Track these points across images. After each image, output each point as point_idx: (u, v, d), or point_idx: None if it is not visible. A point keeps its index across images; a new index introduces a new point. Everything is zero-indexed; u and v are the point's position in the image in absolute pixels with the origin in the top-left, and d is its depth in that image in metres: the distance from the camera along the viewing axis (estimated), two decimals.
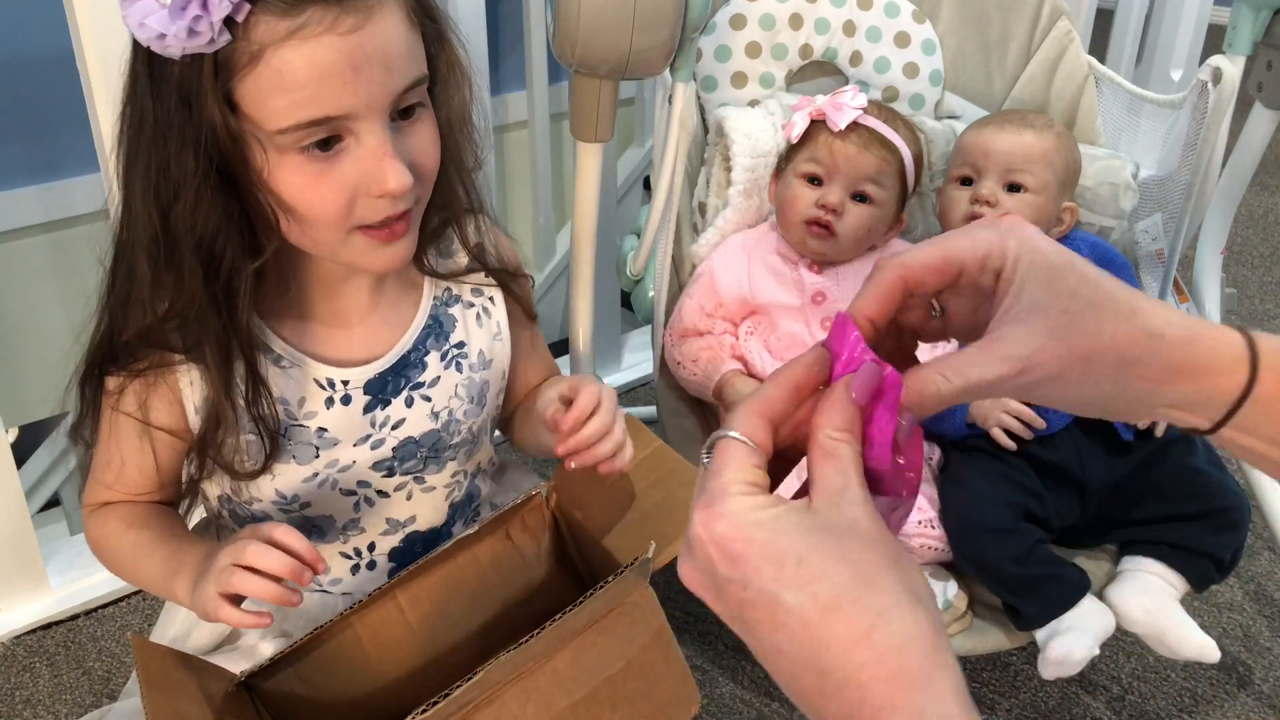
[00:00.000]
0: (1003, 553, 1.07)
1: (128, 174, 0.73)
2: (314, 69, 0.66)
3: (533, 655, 0.70)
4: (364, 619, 0.81)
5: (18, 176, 1.69)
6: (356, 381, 0.83)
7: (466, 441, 0.90)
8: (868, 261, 1.18)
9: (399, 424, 0.86)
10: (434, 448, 0.88)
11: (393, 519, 0.90)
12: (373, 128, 0.70)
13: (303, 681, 0.80)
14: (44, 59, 1.62)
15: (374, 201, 0.72)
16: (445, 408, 0.87)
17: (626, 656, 0.74)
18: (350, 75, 0.67)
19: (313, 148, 0.69)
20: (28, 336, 1.75)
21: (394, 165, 0.70)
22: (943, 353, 0.50)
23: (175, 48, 0.65)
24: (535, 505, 0.88)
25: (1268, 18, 1.19)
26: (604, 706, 0.73)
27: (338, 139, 0.70)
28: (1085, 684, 1.34)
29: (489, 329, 0.90)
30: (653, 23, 0.96)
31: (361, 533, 0.89)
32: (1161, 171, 1.28)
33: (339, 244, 0.74)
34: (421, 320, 0.86)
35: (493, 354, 0.90)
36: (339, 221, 0.72)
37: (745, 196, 1.25)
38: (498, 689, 0.70)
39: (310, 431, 0.83)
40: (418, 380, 0.86)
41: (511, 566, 0.87)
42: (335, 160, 0.70)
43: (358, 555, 0.90)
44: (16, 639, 1.38)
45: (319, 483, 0.85)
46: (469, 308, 0.89)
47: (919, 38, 1.34)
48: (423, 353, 0.86)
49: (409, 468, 0.88)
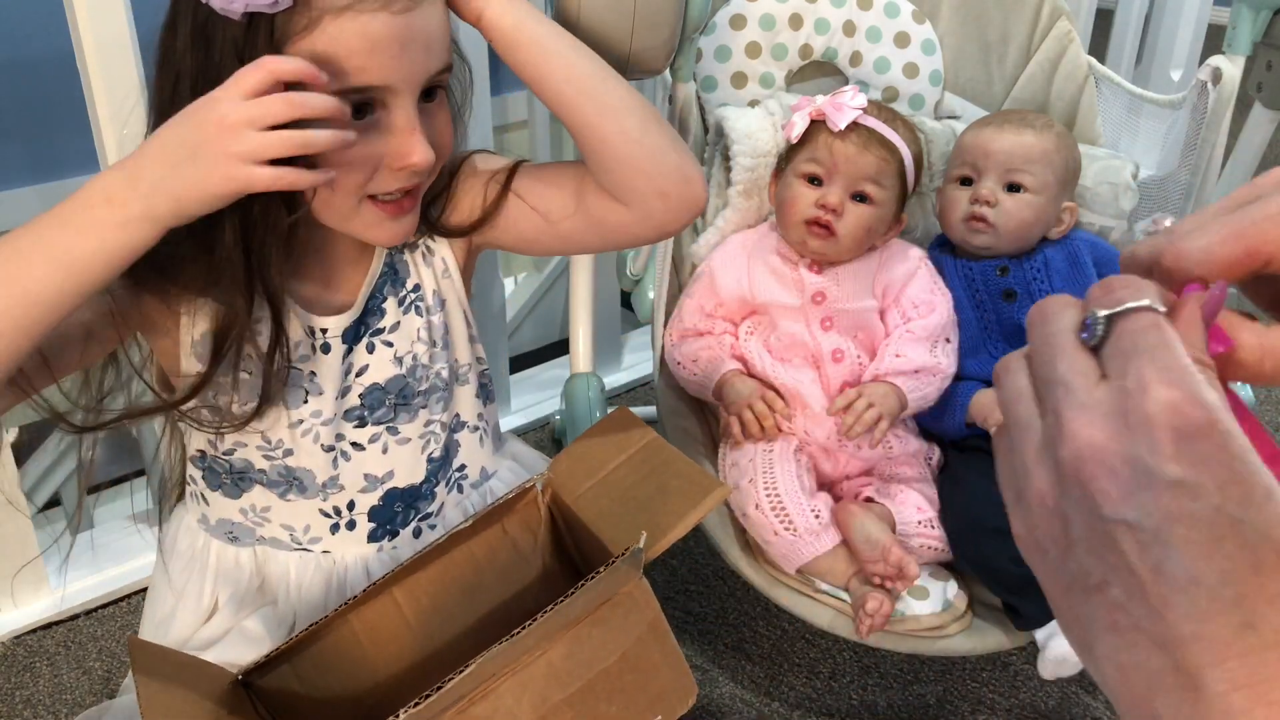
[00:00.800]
0: (1003, 553, 1.07)
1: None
2: (366, 40, 0.70)
3: (526, 648, 0.70)
4: (360, 615, 0.81)
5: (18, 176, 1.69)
6: (335, 330, 0.85)
7: (437, 388, 0.91)
8: (868, 261, 1.18)
9: (363, 370, 0.87)
10: (401, 394, 0.89)
11: (370, 474, 0.90)
12: (405, 104, 0.74)
13: (300, 678, 0.80)
14: (44, 59, 1.62)
15: (393, 173, 0.76)
16: (409, 352, 0.89)
17: (622, 648, 0.74)
18: (398, 50, 0.72)
19: (349, 118, 0.72)
20: None
21: (421, 141, 0.75)
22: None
23: (239, 4, 0.67)
24: (530, 499, 0.88)
25: (1268, 18, 1.19)
26: (600, 699, 0.73)
27: (370, 109, 0.74)
28: (1085, 684, 1.34)
29: (436, 267, 0.91)
30: (653, 23, 0.96)
31: (340, 490, 0.89)
32: (1161, 172, 1.28)
33: (350, 211, 0.77)
34: (378, 268, 0.87)
35: (445, 293, 0.91)
36: (357, 188, 0.76)
37: (745, 196, 1.25)
38: (493, 682, 0.70)
39: (304, 375, 0.84)
40: (378, 326, 0.87)
41: (507, 561, 0.87)
42: (365, 129, 0.73)
43: (337, 514, 0.90)
44: (16, 639, 1.38)
45: (302, 431, 0.86)
46: (414, 249, 0.90)
47: (919, 38, 1.34)
48: (380, 300, 0.87)
49: (379, 416, 0.89)
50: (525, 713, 0.71)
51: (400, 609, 0.83)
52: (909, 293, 1.18)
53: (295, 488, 0.88)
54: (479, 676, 0.67)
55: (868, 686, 1.34)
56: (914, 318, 1.17)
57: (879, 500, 1.12)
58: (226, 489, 0.90)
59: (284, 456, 0.87)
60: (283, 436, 0.86)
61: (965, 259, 1.22)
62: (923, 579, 1.10)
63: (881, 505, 1.12)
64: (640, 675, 0.75)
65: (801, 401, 1.16)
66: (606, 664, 0.74)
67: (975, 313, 1.21)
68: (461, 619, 0.84)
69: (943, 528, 1.12)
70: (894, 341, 1.16)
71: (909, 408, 1.14)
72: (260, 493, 0.89)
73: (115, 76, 1.14)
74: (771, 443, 1.14)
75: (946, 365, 1.16)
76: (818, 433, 1.15)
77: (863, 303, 1.17)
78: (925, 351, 1.15)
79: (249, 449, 0.86)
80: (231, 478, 0.89)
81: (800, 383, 1.16)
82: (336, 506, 0.90)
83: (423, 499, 0.93)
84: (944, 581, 1.11)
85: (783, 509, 1.08)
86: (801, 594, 1.11)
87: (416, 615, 0.83)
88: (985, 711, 1.31)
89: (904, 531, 1.10)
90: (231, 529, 0.91)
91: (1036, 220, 1.18)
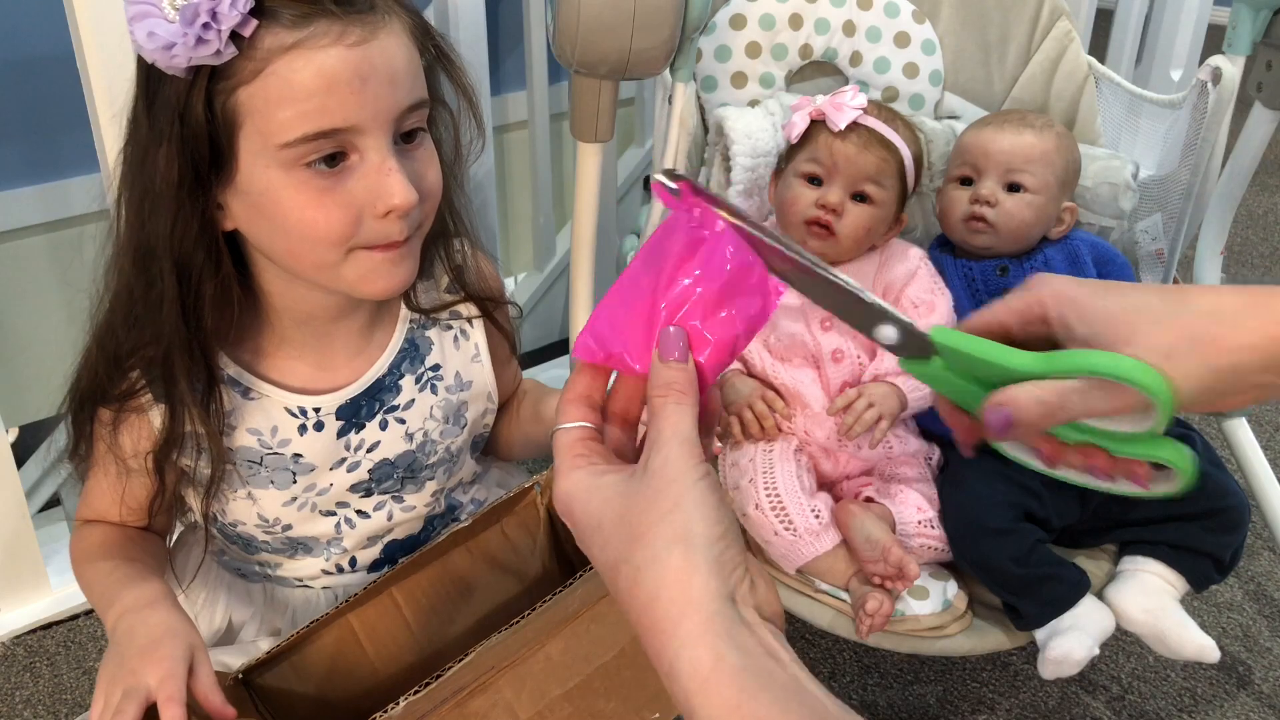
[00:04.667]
0: (1003, 553, 1.07)
1: (125, 192, 0.74)
2: (321, 78, 0.66)
3: (525, 640, 0.70)
4: (359, 615, 0.81)
5: (18, 176, 1.68)
6: (328, 408, 0.83)
7: (445, 461, 0.91)
8: (868, 261, 1.18)
9: (374, 446, 0.86)
10: (410, 468, 0.88)
11: (373, 536, 0.91)
12: (378, 144, 0.69)
13: (299, 677, 0.80)
14: (44, 59, 1.62)
15: (378, 223, 0.71)
16: (420, 429, 0.87)
17: (619, 644, 0.74)
18: (357, 86, 0.67)
19: (319, 164, 0.68)
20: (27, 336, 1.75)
21: (399, 180, 0.70)
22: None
23: (182, 58, 0.64)
24: (529, 501, 0.88)
25: (1268, 18, 1.19)
26: (597, 695, 0.73)
27: (343, 156, 0.69)
28: (1085, 684, 1.34)
29: (466, 351, 0.90)
30: (653, 23, 0.96)
31: (344, 553, 0.91)
32: (1161, 171, 1.28)
33: (339, 264, 0.73)
34: (397, 345, 0.86)
35: (470, 376, 0.90)
36: (341, 240, 0.71)
37: (745, 196, 1.25)
38: (491, 675, 0.70)
39: (286, 458, 0.83)
40: (392, 404, 0.86)
41: (506, 562, 0.87)
42: (341, 177, 0.69)
43: (339, 570, 0.92)
44: (16, 639, 1.38)
45: (299, 506, 0.85)
46: (446, 330, 0.89)
47: (919, 38, 1.34)
48: (397, 376, 0.86)
49: (386, 488, 0.88)
50: (523, 707, 0.71)
51: (399, 609, 0.83)
52: (909, 292, 1.18)
53: (301, 550, 0.90)
54: (478, 667, 0.68)
55: (868, 686, 1.34)
56: (914, 318, 1.17)
57: (879, 500, 1.12)
58: (238, 548, 0.91)
59: (283, 531, 0.87)
60: (279, 515, 0.85)
61: (965, 259, 1.22)
62: (923, 579, 1.10)
63: (881, 505, 1.12)
64: (638, 672, 0.75)
65: (801, 401, 1.16)
66: (604, 660, 0.74)
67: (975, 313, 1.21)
68: (459, 619, 0.85)
69: (943, 528, 1.12)
70: None
71: (909, 408, 1.14)
72: (268, 554, 0.90)
73: (115, 76, 1.14)
74: (771, 443, 1.14)
75: None
76: (818, 433, 1.15)
77: None
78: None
79: (247, 526, 0.87)
80: (240, 542, 0.90)
81: (800, 383, 1.16)
82: (339, 564, 0.91)
83: (421, 544, 0.93)
84: (944, 581, 1.11)
85: (783, 509, 1.08)
86: (801, 594, 1.11)
87: (415, 615, 0.83)
88: (985, 711, 1.31)
89: (904, 531, 1.10)
90: (240, 568, 0.93)
91: (1036, 220, 1.18)
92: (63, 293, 1.77)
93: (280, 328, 0.81)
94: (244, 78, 0.66)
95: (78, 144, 1.47)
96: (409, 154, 0.73)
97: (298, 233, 0.70)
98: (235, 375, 0.81)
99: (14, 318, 1.76)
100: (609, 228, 1.98)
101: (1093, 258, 1.21)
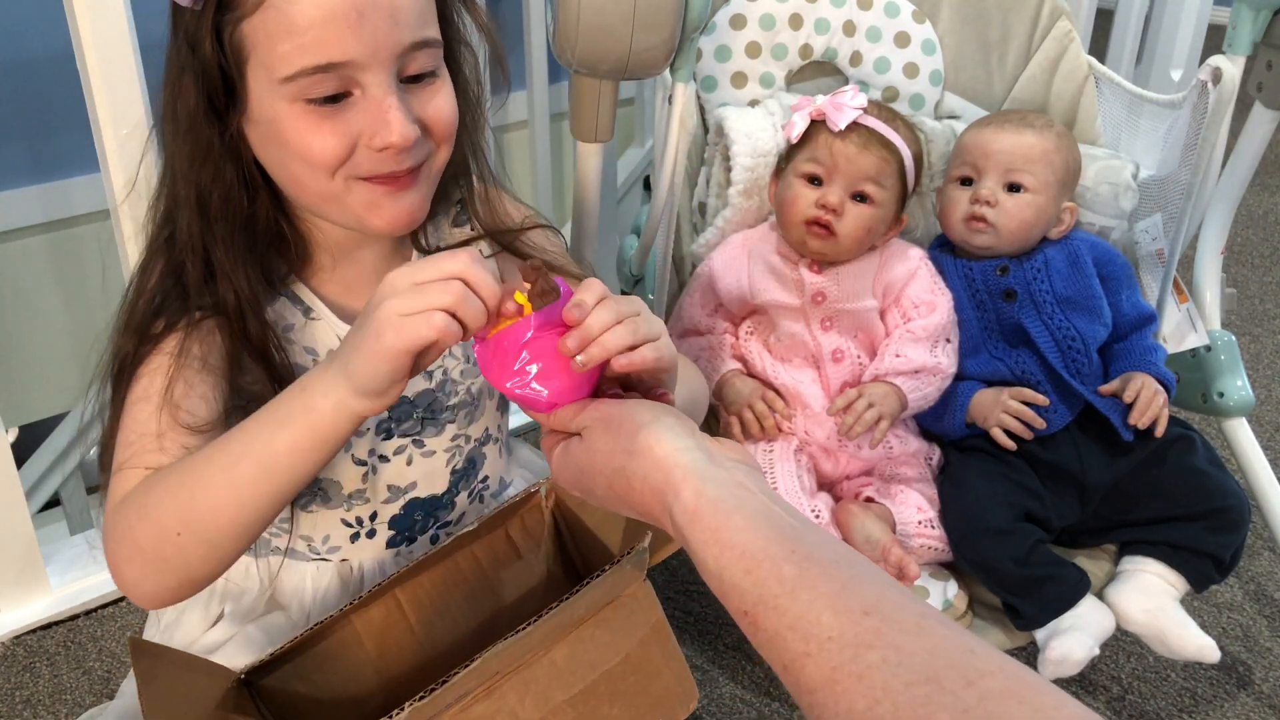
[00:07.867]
0: (1003, 553, 1.07)
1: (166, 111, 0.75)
2: (318, 11, 0.67)
3: (530, 646, 0.70)
4: (363, 616, 0.81)
5: (18, 176, 1.69)
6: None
7: (465, 403, 0.90)
8: (868, 261, 1.18)
9: None
10: (430, 408, 0.88)
11: (394, 485, 0.89)
12: (378, 79, 0.70)
13: (302, 679, 0.80)
14: (44, 59, 1.62)
15: (374, 154, 0.72)
16: (440, 367, 0.88)
17: (624, 650, 0.74)
18: (355, 19, 0.68)
19: (320, 102, 0.70)
20: (28, 336, 1.75)
21: (397, 116, 0.70)
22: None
23: None
24: (534, 504, 0.88)
25: (1268, 18, 1.19)
26: (602, 700, 0.73)
27: (346, 95, 0.71)
28: (1085, 684, 1.34)
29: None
30: (653, 23, 0.96)
31: (365, 502, 0.89)
32: (1161, 172, 1.28)
33: (341, 194, 0.74)
34: None
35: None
36: (334, 165, 0.72)
37: (745, 196, 1.25)
38: (496, 680, 0.70)
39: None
40: None
41: (510, 565, 0.87)
42: (341, 109, 0.71)
43: (359, 524, 0.90)
44: (16, 639, 1.38)
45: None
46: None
47: (919, 38, 1.34)
48: None
49: (406, 429, 0.88)
50: (527, 712, 0.71)
51: (403, 611, 0.83)
52: (909, 293, 1.18)
53: (319, 498, 0.88)
54: (483, 673, 0.68)
55: None
56: (914, 318, 1.17)
57: (879, 500, 1.12)
58: None
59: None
60: None
61: (965, 259, 1.22)
62: (923, 579, 1.10)
63: (881, 505, 1.12)
64: (642, 678, 0.75)
65: (801, 402, 1.16)
66: (609, 665, 0.74)
67: (975, 313, 1.21)
68: (464, 622, 0.85)
69: (943, 528, 1.12)
70: (894, 341, 1.16)
71: (909, 408, 1.14)
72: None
73: (115, 76, 1.14)
74: (771, 443, 1.14)
75: (947, 365, 1.16)
76: (818, 433, 1.15)
77: (863, 303, 1.17)
78: (926, 351, 1.15)
79: None
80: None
81: (800, 383, 1.16)
82: (359, 517, 0.90)
83: (443, 508, 0.93)
84: (944, 581, 1.11)
85: None
86: None
87: (419, 617, 0.83)
88: None
89: (904, 531, 1.10)
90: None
91: (1037, 220, 1.18)
92: (63, 293, 1.77)
93: (321, 259, 0.83)
94: (246, 10, 0.68)
95: (78, 144, 1.47)
96: (416, 93, 0.74)
97: (297, 158, 0.72)
98: (297, 292, 0.82)
99: (14, 317, 1.76)
100: (609, 228, 1.98)
101: (1093, 258, 1.21)
